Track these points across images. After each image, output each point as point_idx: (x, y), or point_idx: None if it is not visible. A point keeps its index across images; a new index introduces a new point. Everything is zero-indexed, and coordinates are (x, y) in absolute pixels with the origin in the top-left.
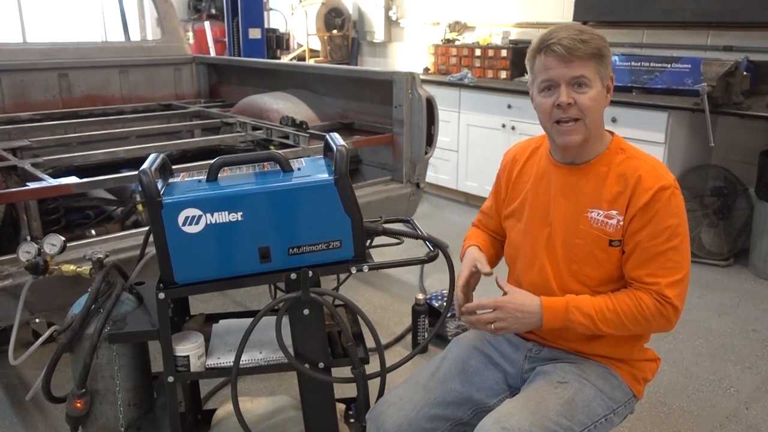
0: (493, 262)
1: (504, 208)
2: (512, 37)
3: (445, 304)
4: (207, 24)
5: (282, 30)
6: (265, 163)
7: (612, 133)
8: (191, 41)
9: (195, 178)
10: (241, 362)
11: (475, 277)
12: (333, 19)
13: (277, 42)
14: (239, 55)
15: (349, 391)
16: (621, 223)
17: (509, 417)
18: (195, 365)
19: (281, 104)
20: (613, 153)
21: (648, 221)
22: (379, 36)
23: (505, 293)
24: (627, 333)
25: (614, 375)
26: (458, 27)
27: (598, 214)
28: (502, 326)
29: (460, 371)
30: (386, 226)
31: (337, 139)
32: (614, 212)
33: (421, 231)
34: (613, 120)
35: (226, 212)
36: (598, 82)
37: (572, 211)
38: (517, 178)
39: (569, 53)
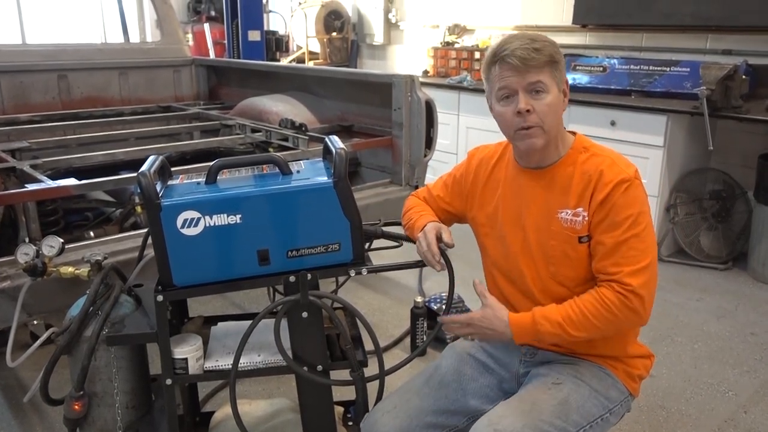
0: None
1: (469, 210)
2: None
3: (444, 306)
4: (206, 26)
5: (281, 32)
6: (264, 166)
7: (574, 133)
8: (191, 43)
9: (194, 180)
10: (239, 365)
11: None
12: (332, 21)
13: (276, 44)
14: (239, 57)
15: (348, 393)
16: (586, 218)
17: (502, 419)
18: (193, 368)
19: (280, 106)
20: (576, 152)
21: (607, 213)
22: (378, 38)
23: (482, 304)
24: (600, 334)
25: (609, 374)
26: (458, 30)
27: (567, 213)
28: (475, 338)
29: (454, 378)
30: (385, 228)
31: (336, 142)
32: (580, 209)
33: None
34: (612, 123)
35: (225, 215)
36: (554, 87)
37: (543, 214)
38: (487, 184)
39: (524, 63)
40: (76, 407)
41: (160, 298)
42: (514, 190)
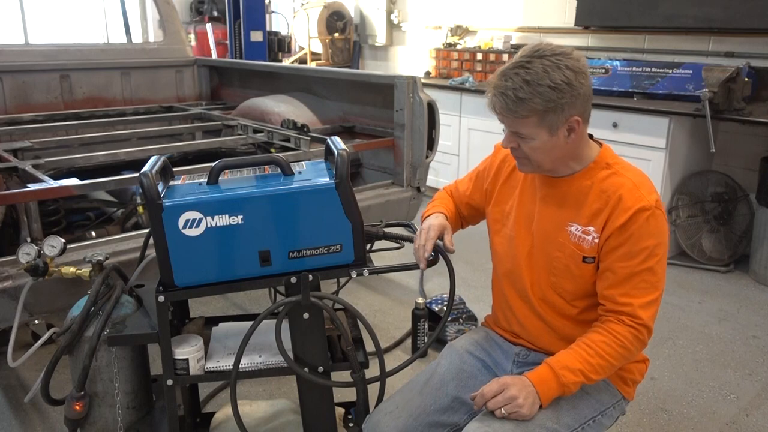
0: (451, 218)
1: (487, 205)
2: (514, 41)
3: (445, 308)
4: (209, 26)
5: (284, 33)
6: (266, 167)
7: (600, 144)
8: (193, 43)
9: (196, 180)
10: (240, 366)
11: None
12: (335, 22)
13: (278, 45)
14: (241, 58)
15: (349, 395)
16: (596, 240)
17: (493, 421)
18: (194, 368)
19: (282, 107)
20: (598, 167)
21: (624, 241)
22: (380, 39)
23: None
24: (614, 370)
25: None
26: (460, 31)
27: (576, 228)
28: (516, 404)
29: (454, 376)
30: (387, 230)
31: (338, 143)
32: (591, 229)
33: None
34: (614, 125)
35: (227, 215)
36: (542, 133)
37: (553, 223)
38: (507, 181)
39: (501, 114)
40: (77, 407)
41: (161, 298)
42: (531, 192)
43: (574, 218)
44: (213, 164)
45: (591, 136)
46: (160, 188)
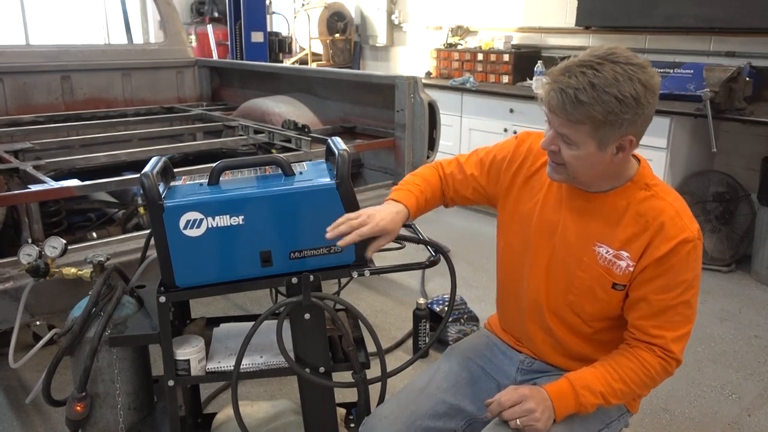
0: (416, 214)
1: (502, 198)
2: (514, 41)
3: (446, 308)
4: (210, 27)
5: (284, 33)
6: (267, 167)
7: (639, 160)
8: (194, 44)
9: (197, 181)
10: (241, 366)
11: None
12: (335, 22)
13: (279, 45)
14: (242, 59)
15: (350, 395)
16: (631, 268)
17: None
18: (195, 369)
19: (283, 108)
20: (636, 187)
21: (663, 273)
22: (381, 40)
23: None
24: (635, 396)
25: None
26: (460, 31)
27: (608, 252)
28: (533, 417)
29: (453, 383)
30: None
31: (338, 143)
32: (625, 254)
33: (422, 235)
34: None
35: (228, 216)
36: (590, 145)
37: (580, 239)
38: (529, 180)
39: (552, 112)
40: (79, 408)
41: (162, 299)
42: (557, 201)
43: (604, 239)
44: (214, 165)
45: None
46: (161, 189)
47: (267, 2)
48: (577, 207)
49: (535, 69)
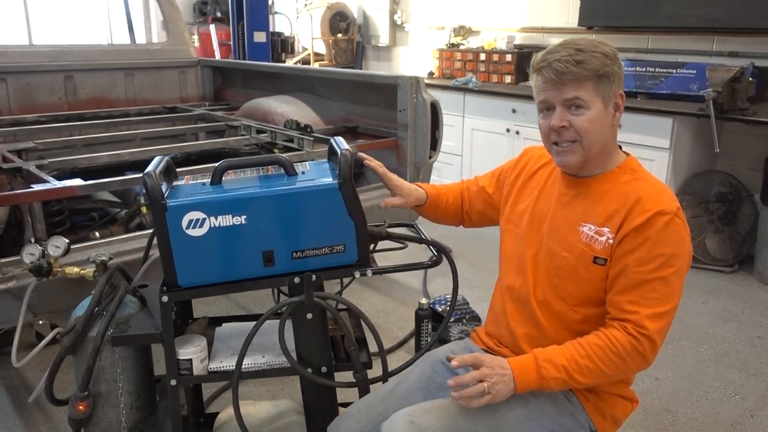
0: (430, 213)
1: (503, 203)
2: (517, 41)
3: (448, 308)
4: (212, 27)
5: (287, 33)
6: (269, 167)
7: (628, 154)
8: (196, 44)
9: (199, 181)
10: (243, 366)
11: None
12: (338, 22)
13: (282, 45)
14: (244, 59)
15: (352, 395)
16: (611, 241)
17: (423, 414)
18: (198, 368)
19: (286, 108)
20: (621, 172)
21: (639, 245)
22: (383, 40)
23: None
24: (606, 379)
25: (572, 401)
26: (463, 31)
27: (590, 228)
28: (492, 382)
29: (423, 386)
30: (390, 230)
31: (341, 143)
32: (606, 229)
33: (425, 235)
34: (618, 125)
35: (230, 216)
36: (598, 103)
37: (566, 223)
38: (527, 183)
39: (560, 77)
40: (81, 407)
41: (164, 298)
42: (549, 195)
43: (588, 218)
44: (216, 165)
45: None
46: (163, 188)
47: (269, 2)
48: (565, 194)
49: None
